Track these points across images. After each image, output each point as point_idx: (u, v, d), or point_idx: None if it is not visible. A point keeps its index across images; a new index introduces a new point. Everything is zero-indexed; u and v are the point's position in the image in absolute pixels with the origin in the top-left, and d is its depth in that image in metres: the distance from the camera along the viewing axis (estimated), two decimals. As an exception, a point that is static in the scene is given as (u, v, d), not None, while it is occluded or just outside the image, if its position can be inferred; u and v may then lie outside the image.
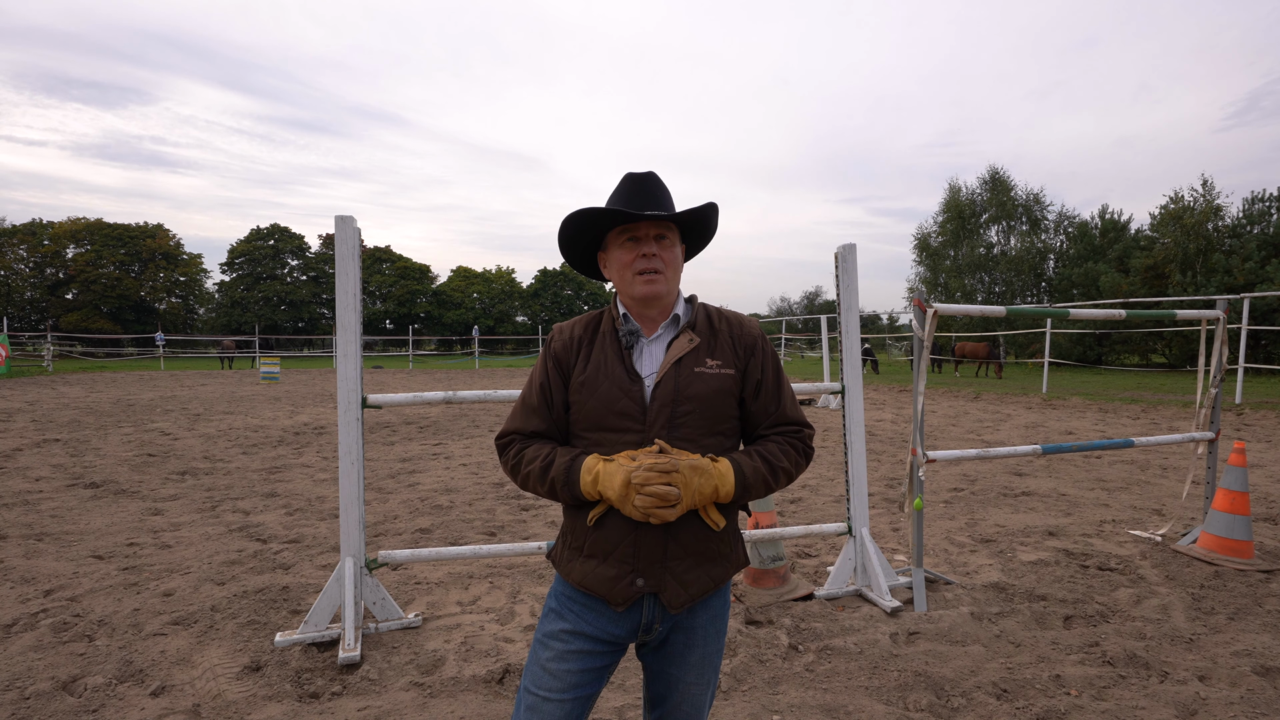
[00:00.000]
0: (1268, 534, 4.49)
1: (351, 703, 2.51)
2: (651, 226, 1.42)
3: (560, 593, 1.48)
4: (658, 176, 1.47)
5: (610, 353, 1.44)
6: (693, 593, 1.41)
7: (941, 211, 35.41)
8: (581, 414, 1.43)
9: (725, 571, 1.46)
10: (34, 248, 46.05)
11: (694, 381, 1.40)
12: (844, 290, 3.58)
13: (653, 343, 1.46)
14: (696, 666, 1.48)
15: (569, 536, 1.47)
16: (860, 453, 3.59)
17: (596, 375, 1.42)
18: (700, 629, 1.46)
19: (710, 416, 1.41)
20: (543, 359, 1.50)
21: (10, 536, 4.49)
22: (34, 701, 2.48)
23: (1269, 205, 22.95)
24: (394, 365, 33.29)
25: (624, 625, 1.43)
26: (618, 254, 1.45)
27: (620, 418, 1.39)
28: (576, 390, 1.43)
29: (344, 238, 2.99)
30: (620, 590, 1.38)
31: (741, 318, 1.53)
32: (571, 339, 1.48)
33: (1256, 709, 2.41)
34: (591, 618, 1.42)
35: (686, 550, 1.40)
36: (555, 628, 1.44)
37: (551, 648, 1.42)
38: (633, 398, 1.39)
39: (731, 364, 1.45)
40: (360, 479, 3.06)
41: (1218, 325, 4.29)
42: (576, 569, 1.43)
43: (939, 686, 2.58)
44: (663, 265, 1.42)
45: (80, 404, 12.78)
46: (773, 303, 68.46)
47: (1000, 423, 10.37)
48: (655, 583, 1.39)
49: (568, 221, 1.45)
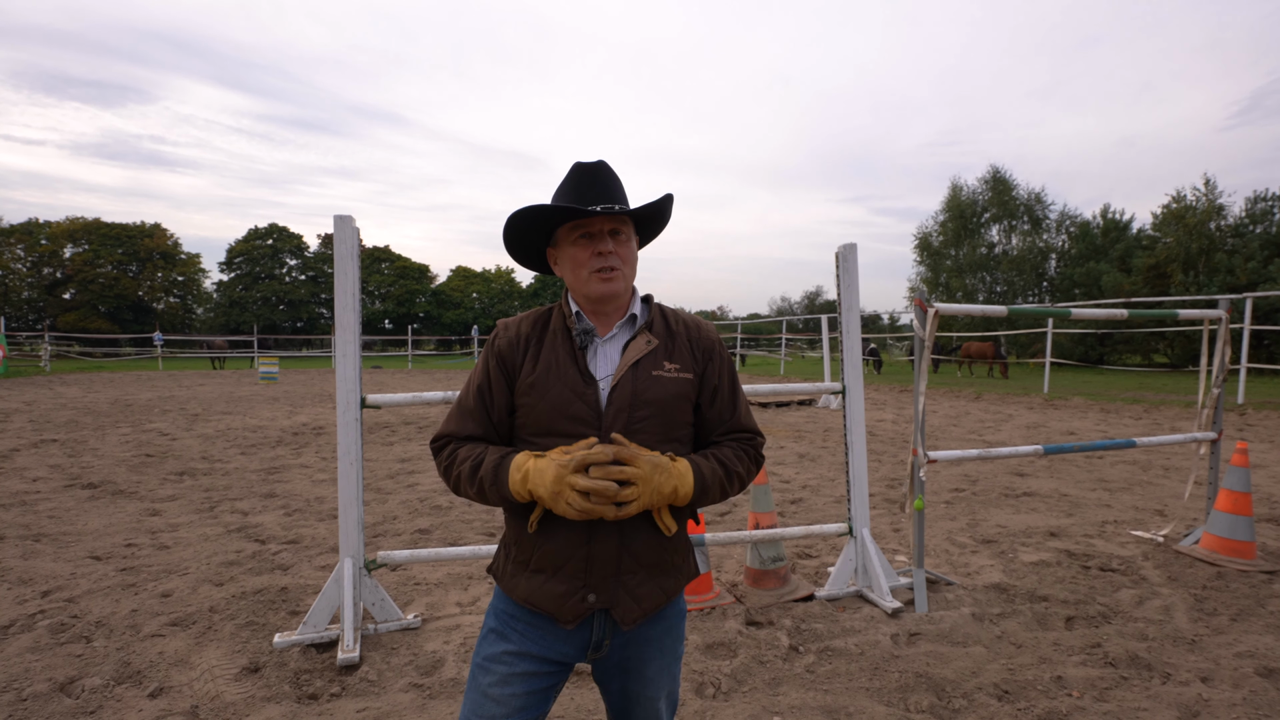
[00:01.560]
0: (1270, 535, 4.48)
1: (350, 704, 2.50)
2: (606, 221, 1.35)
3: (501, 610, 1.38)
4: (609, 166, 1.40)
5: (562, 353, 1.35)
6: (645, 607, 1.35)
7: (943, 211, 35.43)
8: (530, 417, 1.34)
9: (677, 583, 1.41)
10: (31, 247, 46.09)
11: (652, 385, 1.33)
12: (845, 290, 3.57)
13: (607, 343, 1.38)
14: (654, 680, 1.42)
15: (512, 548, 1.38)
16: (861, 453, 3.58)
17: (547, 377, 1.33)
18: (656, 641, 1.41)
19: (667, 422, 1.35)
20: (484, 358, 1.40)
21: (7, 537, 4.48)
22: (31, 703, 2.47)
23: (1271, 205, 22.96)
24: (393, 365, 33.27)
25: (573, 644, 1.35)
26: (571, 251, 1.36)
27: (573, 422, 1.30)
28: (525, 392, 1.34)
29: (343, 237, 2.98)
30: (570, 607, 1.31)
31: (699, 321, 1.48)
32: (518, 337, 1.39)
33: (1259, 710, 2.40)
34: (537, 636, 1.34)
35: (640, 562, 1.34)
36: (497, 650, 1.35)
37: (494, 672, 1.33)
38: (587, 401, 1.31)
39: (690, 368, 1.39)
40: (359, 479, 3.05)
41: (1220, 325, 4.28)
42: (522, 584, 1.34)
43: (940, 688, 2.57)
44: (619, 262, 1.35)
45: (78, 404, 12.77)
46: (773, 302, 68.39)
47: (1002, 423, 10.36)
48: (607, 598, 1.32)
49: (515, 218, 1.35)
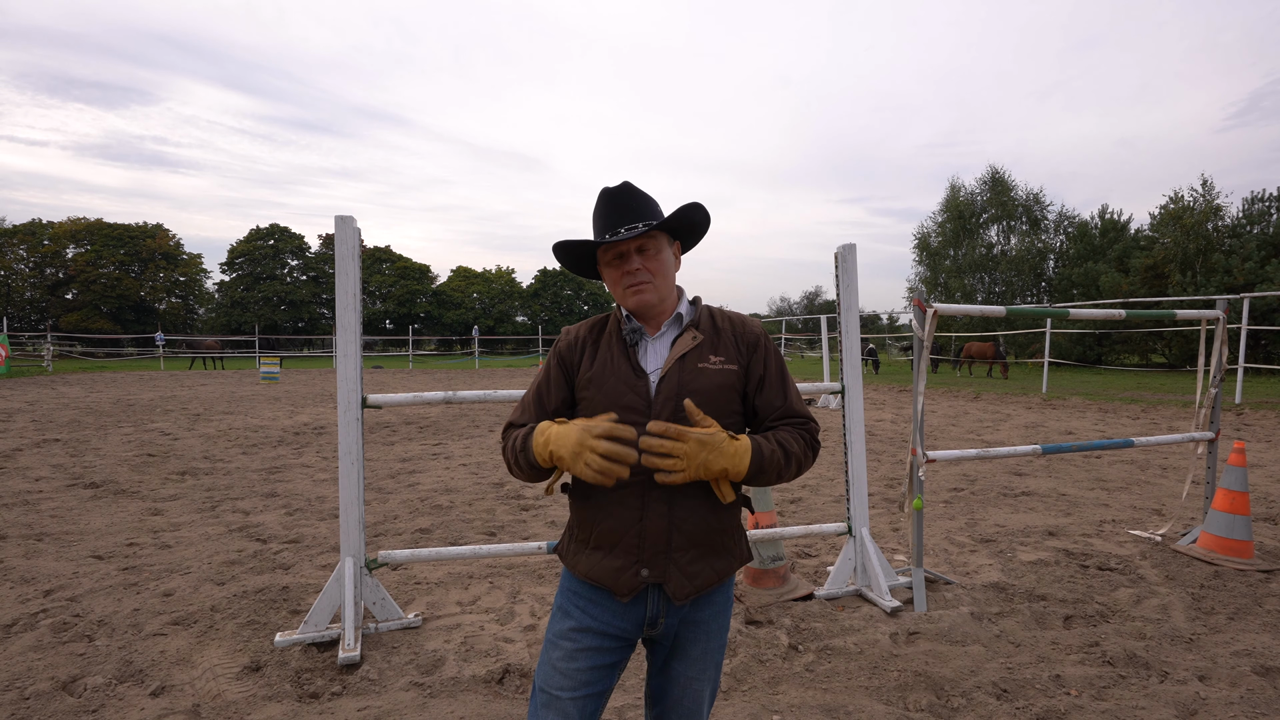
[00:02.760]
0: (1267, 534, 4.49)
1: (351, 703, 2.51)
2: (630, 241, 1.46)
3: (567, 588, 1.52)
4: (632, 186, 1.49)
5: (616, 350, 1.49)
6: (697, 584, 1.44)
7: (941, 211, 35.43)
8: (589, 409, 1.47)
9: (729, 565, 1.50)
10: (34, 248, 46.06)
11: (697, 376, 1.44)
12: (844, 290, 3.58)
13: (657, 340, 1.51)
14: (699, 661, 1.51)
15: (575, 529, 1.52)
16: (860, 453, 3.59)
17: (603, 372, 1.47)
18: (704, 624, 1.50)
19: (713, 411, 1.43)
20: (548, 359, 1.57)
21: (10, 536, 4.49)
22: (34, 702, 2.48)
23: (1269, 205, 22.96)
24: (394, 365, 33.28)
25: (629, 619, 1.45)
26: (607, 271, 1.51)
27: (626, 411, 1.42)
28: (584, 386, 1.48)
29: (344, 238, 2.99)
30: (625, 580, 1.42)
31: (744, 318, 1.58)
32: (576, 339, 1.54)
33: (1256, 709, 2.41)
34: (597, 612, 1.46)
35: (691, 541, 1.43)
36: (564, 626, 1.48)
37: (561, 647, 1.46)
38: (638, 392, 1.44)
39: (734, 360, 1.49)
40: (360, 479, 3.06)
41: (1217, 325, 4.29)
42: (583, 561, 1.47)
43: (939, 686, 2.58)
44: (649, 275, 1.46)
45: (80, 404, 12.78)
46: (773, 303, 68.52)
47: (1000, 423, 10.37)
48: (660, 573, 1.42)
49: (558, 251, 1.54)
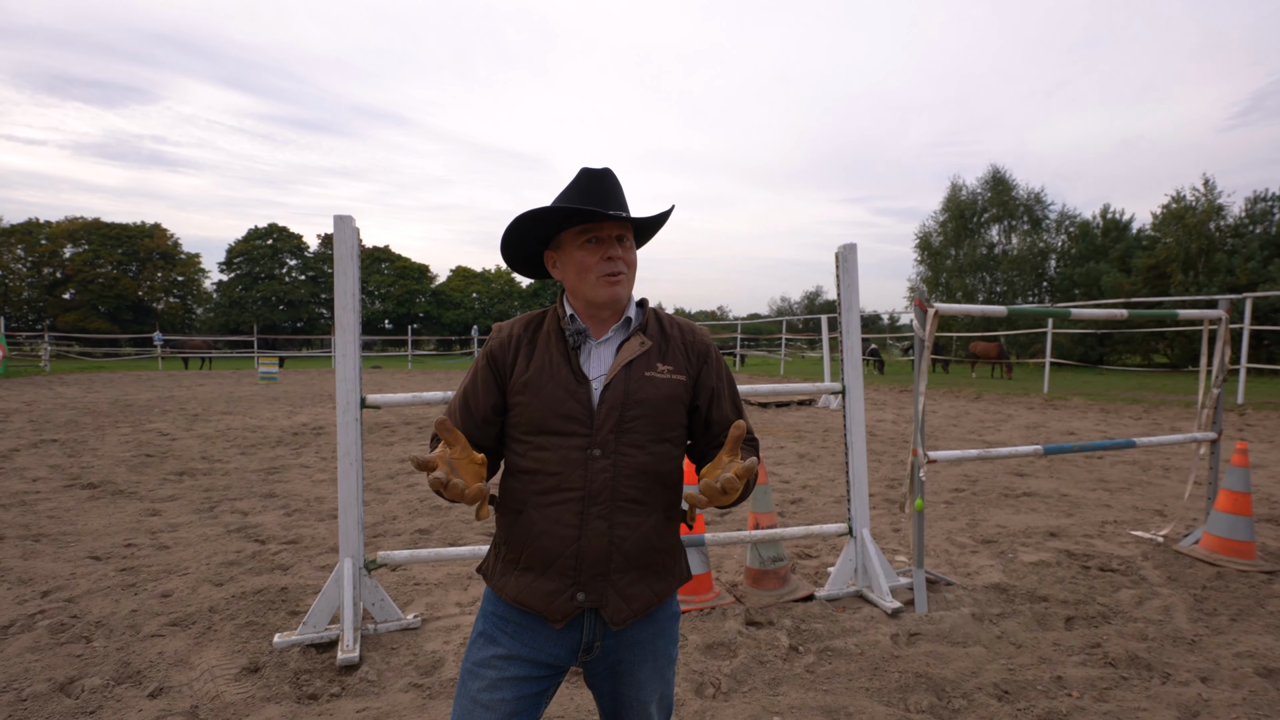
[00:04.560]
0: (1270, 535, 4.48)
1: (350, 704, 2.50)
2: (614, 227, 1.37)
3: (490, 612, 1.39)
4: (614, 174, 1.41)
5: (555, 353, 1.37)
6: (635, 608, 1.35)
7: (942, 211, 35.46)
8: (524, 416, 1.35)
9: (668, 586, 1.41)
10: (31, 247, 46.09)
11: (645, 386, 1.35)
12: (845, 290, 3.57)
13: (601, 345, 1.40)
14: (648, 684, 1.42)
15: (502, 548, 1.39)
16: (861, 453, 3.58)
17: (540, 376, 1.35)
18: (647, 644, 1.41)
19: (659, 422, 1.36)
20: (477, 359, 1.43)
21: (7, 537, 4.48)
22: (31, 703, 2.47)
23: (1271, 205, 22.99)
24: (393, 365, 33.26)
25: (563, 645, 1.35)
26: (577, 255, 1.37)
27: (565, 420, 1.32)
28: (518, 391, 1.36)
29: (343, 237, 2.98)
30: (559, 605, 1.31)
31: (693, 325, 1.49)
32: (510, 338, 1.41)
33: (1259, 710, 2.40)
34: (528, 638, 1.34)
35: (631, 563, 1.34)
36: (487, 654, 1.34)
37: (483, 677, 1.32)
38: (579, 400, 1.33)
39: (683, 370, 1.41)
40: (359, 479, 3.05)
41: (1220, 325, 4.28)
42: (511, 583, 1.35)
43: (940, 688, 2.57)
44: (625, 268, 1.37)
45: (78, 404, 12.76)
46: (773, 303, 68.39)
47: (1001, 423, 10.36)
48: (596, 597, 1.32)
49: (525, 217, 1.35)
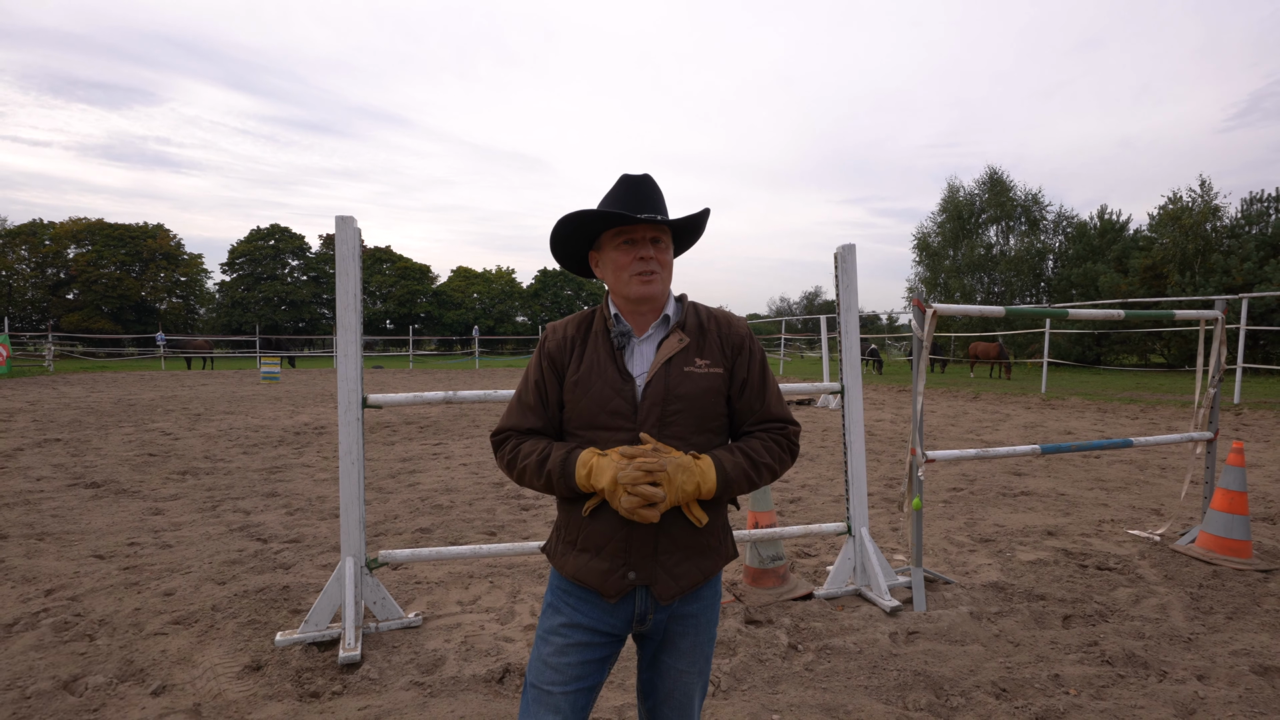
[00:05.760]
0: (1266, 534, 4.50)
1: (352, 702, 2.52)
2: (648, 229, 1.46)
3: (556, 586, 1.53)
4: (653, 179, 1.51)
5: (603, 353, 1.48)
6: (683, 585, 1.47)
7: (940, 211, 35.48)
8: (575, 412, 1.47)
9: (715, 564, 1.51)
10: (35, 248, 46.08)
11: (683, 381, 1.45)
12: (843, 290, 3.59)
13: (643, 343, 1.50)
14: (688, 654, 1.53)
15: (563, 530, 1.52)
16: (860, 453, 3.59)
17: (590, 375, 1.46)
18: (693, 617, 1.52)
19: (699, 415, 1.45)
20: (537, 357, 1.54)
21: (11, 536, 4.50)
22: (35, 701, 2.49)
23: (1267, 205, 23.00)
24: (394, 365, 33.27)
25: (618, 616, 1.47)
26: (614, 255, 1.48)
27: (612, 416, 1.43)
28: (571, 389, 1.48)
29: (344, 238, 3.00)
30: (612, 583, 1.43)
31: (730, 317, 1.57)
32: (565, 338, 1.52)
33: (1255, 708, 2.42)
34: (587, 609, 1.47)
35: (676, 544, 1.46)
36: (554, 623, 1.49)
37: (552, 643, 1.47)
38: (624, 397, 1.44)
39: (720, 363, 1.49)
40: (360, 479, 3.07)
41: (1216, 325, 4.30)
42: (570, 562, 1.48)
43: (938, 686, 2.59)
44: (658, 267, 1.46)
45: (81, 404, 12.78)
46: (773, 303, 68.54)
47: (999, 423, 10.37)
48: (646, 575, 1.44)
49: (565, 220, 1.48)
